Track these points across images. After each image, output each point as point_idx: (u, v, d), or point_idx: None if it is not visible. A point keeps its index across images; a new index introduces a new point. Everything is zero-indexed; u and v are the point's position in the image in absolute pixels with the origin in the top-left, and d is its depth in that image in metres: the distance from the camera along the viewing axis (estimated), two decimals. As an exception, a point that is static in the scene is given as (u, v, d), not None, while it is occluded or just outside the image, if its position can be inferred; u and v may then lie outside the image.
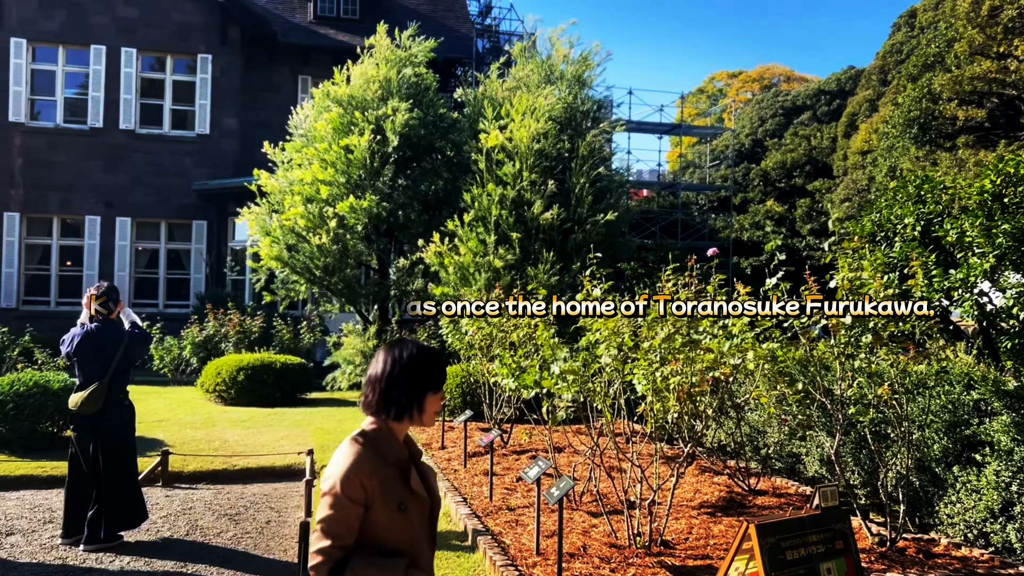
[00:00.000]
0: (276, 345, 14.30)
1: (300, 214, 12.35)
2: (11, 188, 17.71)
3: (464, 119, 13.74)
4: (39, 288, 18.02)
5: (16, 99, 17.77)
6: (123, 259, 18.15)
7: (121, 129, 18.24)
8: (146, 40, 18.46)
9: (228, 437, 9.09)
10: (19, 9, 17.85)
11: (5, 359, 13.19)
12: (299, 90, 20.11)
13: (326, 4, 20.99)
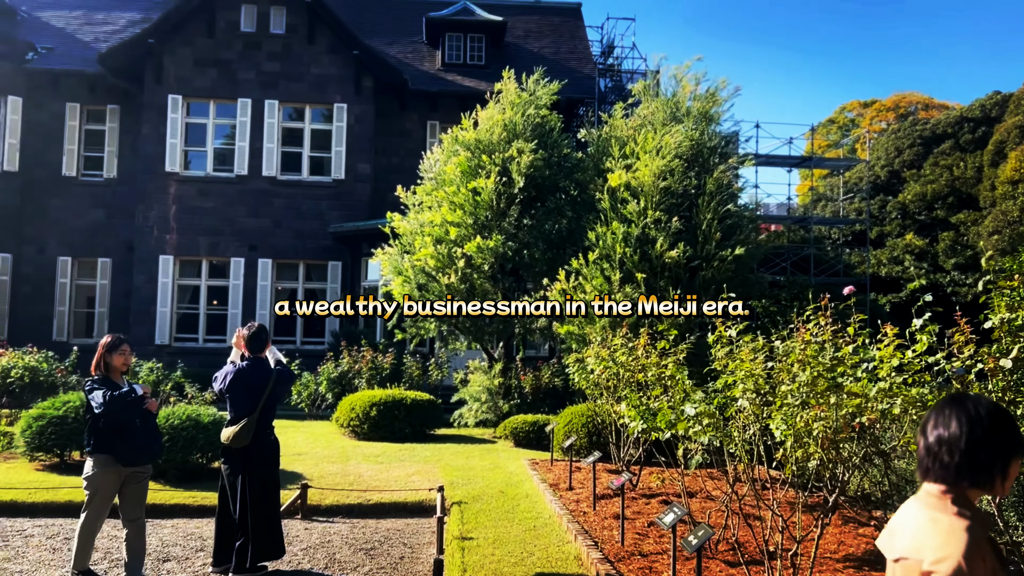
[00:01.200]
0: (406, 381, 14.67)
1: (430, 254, 12.71)
2: (166, 233, 19.12)
3: (588, 158, 13.84)
4: (189, 326, 19.27)
5: (172, 151, 19.25)
6: (264, 298, 19.19)
7: (264, 176, 19.41)
8: (287, 92, 19.66)
9: (362, 472, 9.35)
10: (176, 69, 19.42)
11: (159, 393, 14.12)
12: (428, 135, 20.84)
13: (453, 52, 21.74)
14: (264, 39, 19.75)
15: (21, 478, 8.62)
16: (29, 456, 9.32)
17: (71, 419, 9.05)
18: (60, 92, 20.27)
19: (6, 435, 10.75)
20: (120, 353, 5.62)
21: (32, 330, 19.34)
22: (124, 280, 19.93)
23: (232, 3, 19.71)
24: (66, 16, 22.21)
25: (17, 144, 19.93)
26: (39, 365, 13.68)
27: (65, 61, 20.39)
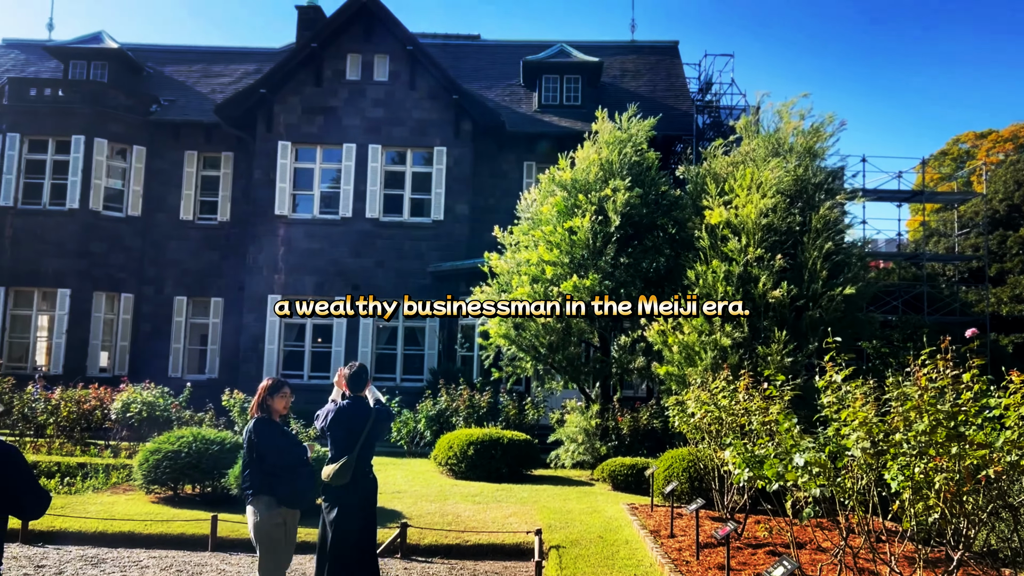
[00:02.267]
0: (502, 420, 14.68)
1: (526, 294, 12.76)
2: (275, 273, 19.91)
3: (686, 196, 13.67)
4: (294, 363, 19.90)
5: (281, 194, 20.12)
6: (366, 336, 19.66)
7: (367, 218, 20.01)
8: (390, 137, 20.29)
9: (460, 511, 9.36)
10: (286, 116, 20.36)
11: (266, 428, 14.57)
12: (524, 175, 21.07)
13: (549, 94, 22.01)
14: (368, 86, 20.51)
15: (139, 509, 9.02)
16: (145, 488, 9.75)
17: (184, 454, 9.43)
18: (180, 141, 21.56)
19: (126, 467, 11.30)
20: (281, 396, 5.67)
21: (150, 366, 20.40)
22: (235, 318, 20.81)
23: (338, 53, 20.59)
24: (187, 70, 23.68)
25: (141, 191, 21.26)
26: (156, 400, 14.36)
27: (185, 112, 21.70)
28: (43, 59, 23.95)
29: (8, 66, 23.83)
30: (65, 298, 19.96)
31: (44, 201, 20.35)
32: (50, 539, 8.06)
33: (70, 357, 19.75)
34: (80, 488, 10.20)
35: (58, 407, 14.49)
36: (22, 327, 20.32)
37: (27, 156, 20.44)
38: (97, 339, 20.33)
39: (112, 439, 14.29)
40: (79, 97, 20.54)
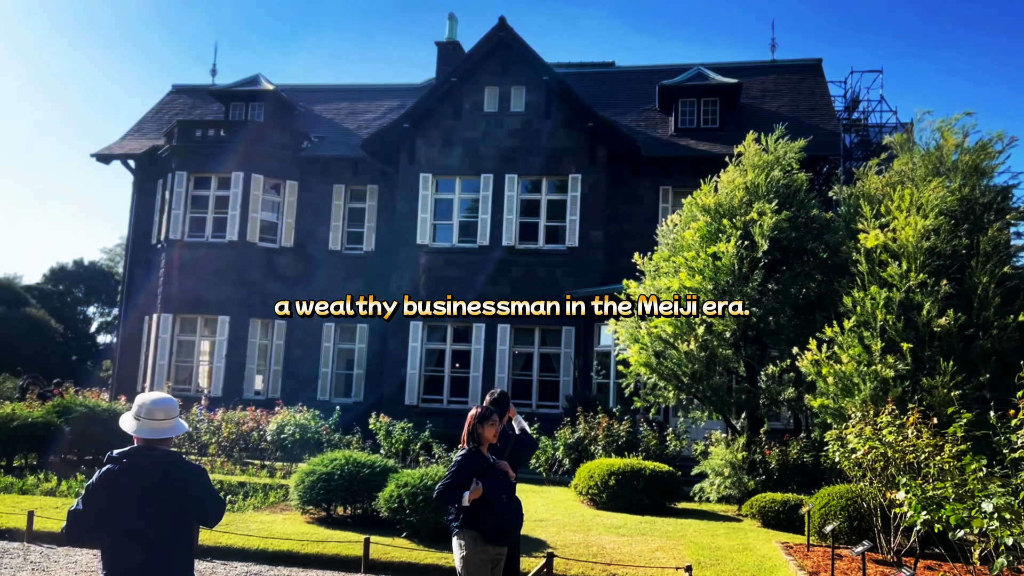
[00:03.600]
0: (642, 451, 14.40)
1: (667, 321, 12.51)
2: (416, 300, 20.47)
3: (838, 218, 13.06)
4: (434, 387, 20.35)
5: (422, 224, 20.74)
6: (503, 362, 19.86)
7: (504, 246, 20.30)
8: (525, 166, 20.56)
9: (604, 543, 9.20)
10: (427, 149, 21.04)
11: (410, 452, 14.94)
12: (660, 200, 20.80)
13: (686, 117, 21.69)
14: (505, 117, 20.90)
15: (295, 529, 9.40)
16: (301, 509, 10.16)
17: (337, 476, 9.77)
18: (329, 175, 22.67)
19: (282, 487, 11.83)
20: (491, 424, 5.48)
21: (301, 390, 21.38)
22: (379, 344, 21.53)
23: (476, 87, 21.12)
24: (334, 108, 24.94)
25: (293, 223, 22.48)
26: (308, 423, 15.01)
27: (333, 148, 22.82)
28: (207, 102, 25.85)
29: (177, 110, 25.87)
30: (225, 324, 21.29)
31: (207, 234, 21.85)
32: (217, 554, 8.51)
33: (228, 380, 21.00)
34: (242, 506, 10.75)
35: (219, 428, 15.41)
36: (187, 352, 21.81)
37: (193, 192, 22.05)
38: (253, 363, 21.53)
39: (268, 459, 15.04)
40: (239, 136, 22.00)
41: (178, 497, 3.53)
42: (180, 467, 3.60)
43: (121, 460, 3.55)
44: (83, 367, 46.25)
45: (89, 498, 3.48)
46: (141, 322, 22.90)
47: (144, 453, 3.58)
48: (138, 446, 3.62)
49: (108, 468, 3.53)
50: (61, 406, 14.31)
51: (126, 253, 24.66)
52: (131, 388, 22.09)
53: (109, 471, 3.52)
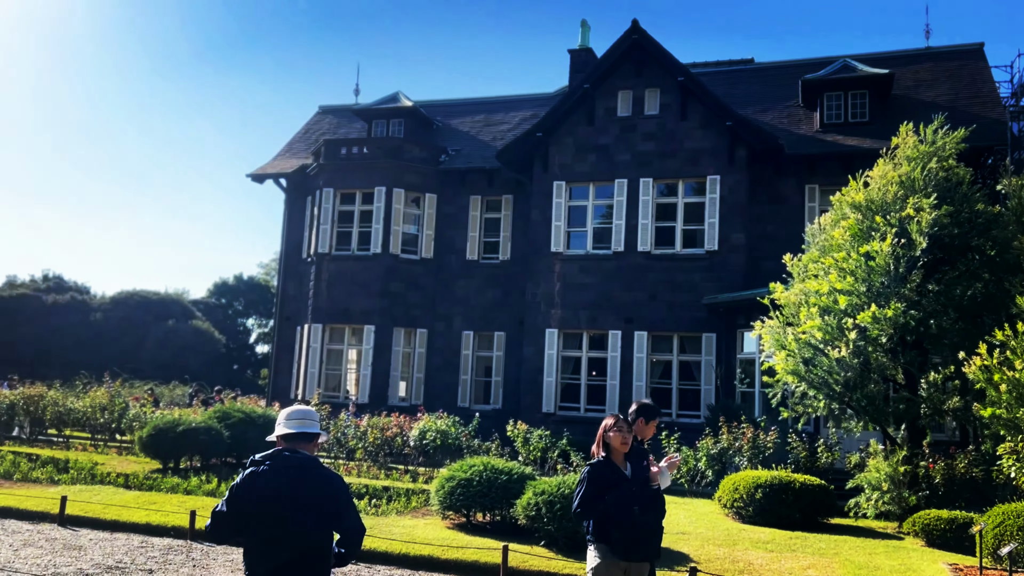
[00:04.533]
0: (791, 463, 13.71)
1: (816, 326, 11.84)
2: (551, 308, 20.49)
3: (1007, 213, 11.98)
4: (571, 395, 20.25)
5: (556, 232, 20.74)
6: (640, 370, 19.51)
7: (639, 251, 19.97)
8: (660, 169, 20.16)
9: (751, 559, 8.79)
10: (560, 157, 21.04)
11: (547, 459, 14.90)
12: (806, 199, 19.85)
13: (832, 112, 20.62)
14: (639, 121, 20.59)
15: (435, 535, 9.54)
16: (441, 514, 10.31)
17: (475, 483, 9.84)
18: (465, 187, 23.12)
19: (423, 492, 12.06)
20: (617, 431, 5.30)
21: (441, 396, 21.86)
22: (516, 352, 21.69)
23: (609, 92, 20.93)
24: (470, 121, 25.44)
25: (432, 234, 23.08)
26: (448, 429, 15.27)
27: (469, 160, 23.26)
28: (351, 121, 27.00)
29: (324, 130, 27.17)
30: (370, 334, 22.09)
31: (353, 247, 22.77)
32: (361, 558, 8.75)
33: (374, 387, 21.77)
34: (385, 510, 11.04)
35: (365, 433, 15.94)
36: (336, 360, 22.78)
37: (339, 208, 23.05)
38: (397, 371, 22.23)
39: (411, 464, 15.41)
40: (380, 152, 22.83)
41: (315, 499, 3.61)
42: (318, 469, 3.68)
43: (263, 463, 3.67)
44: (243, 375, 49.33)
45: (232, 499, 3.61)
46: (294, 332, 24.14)
47: (284, 455, 3.68)
48: (279, 448, 3.73)
49: (251, 471, 3.65)
50: (221, 412, 15.24)
51: (279, 267, 26.08)
52: (285, 395, 23.30)
53: (251, 473, 3.64)
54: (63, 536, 9.44)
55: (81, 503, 10.67)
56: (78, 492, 11.57)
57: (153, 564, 8.23)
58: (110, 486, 12.37)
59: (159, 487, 12.30)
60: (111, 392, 20.02)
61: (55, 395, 19.81)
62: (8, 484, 12.31)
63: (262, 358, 54.16)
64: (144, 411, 18.53)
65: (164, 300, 50.68)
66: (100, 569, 7.86)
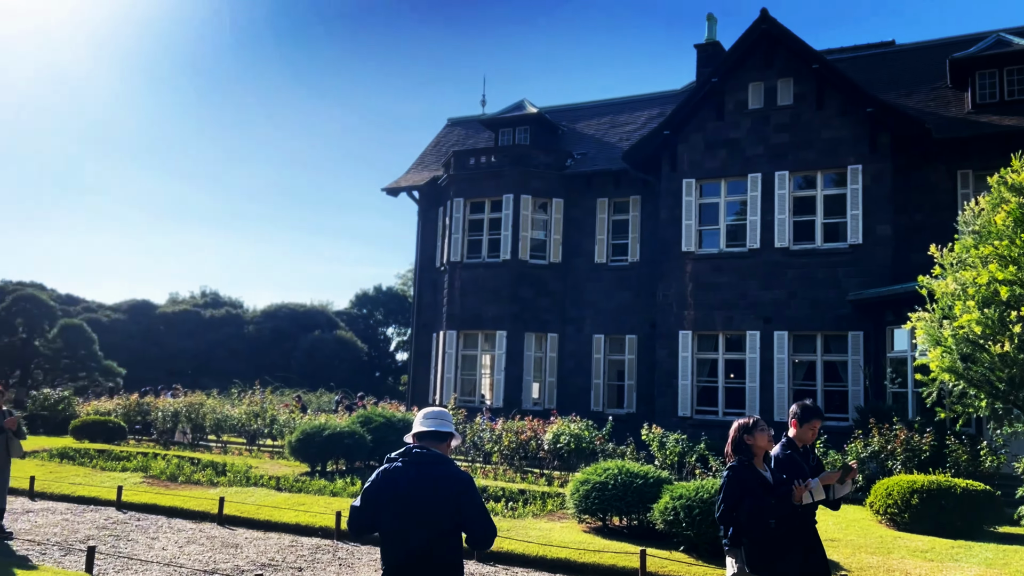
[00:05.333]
0: (950, 467, 12.79)
1: (975, 319, 10.97)
2: (684, 309, 20.06)
3: None
4: (708, 399, 19.72)
5: (687, 231, 20.29)
6: (781, 371, 18.76)
7: (776, 248, 19.22)
8: (796, 161, 19.34)
9: (908, 568, 8.24)
10: (689, 154, 20.59)
11: (685, 464, 14.57)
12: (959, 185, 18.52)
13: (986, 91, 19.15)
14: (771, 112, 19.85)
15: (571, 538, 9.50)
16: (577, 517, 10.26)
17: (610, 486, 9.74)
18: (591, 190, 23.04)
19: (558, 495, 12.06)
20: (761, 432, 5.09)
21: (574, 400, 21.82)
22: (648, 355, 21.37)
23: (739, 84, 20.30)
24: (595, 124, 25.34)
25: (560, 239, 23.13)
26: (582, 433, 15.21)
27: (595, 163, 23.17)
28: (479, 131, 27.50)
29: (453, 142, 27.80)
30: (502, 339, 22.37)
31: (483, 255, 23.15)
32: (499, 559, 8.83)
33: (508, 391, 22.01)
34: (521, 513, 11.11)
35: (500, 437, 16.12)
36: (470, 365, 23.20)
37: (469, 217, 23.50)
38: (529, 375, 22.40)
39: (545, 467, 15.45)
40: (507, 160, 23.11)
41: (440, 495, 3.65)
42: (445, 467, 3.73)
43: (396, 460, 3.76)
44: (384, 382, 51.15)
45: (365, 494, 3.73)
46: (430, 339, 24.78)
47: (415, 452, 3.76)
48: (411, 445, 3.81)
49: (384, 467, 3.76)
50: (364, 417, 15.82)
51: (415, 277, 26.86)
52: (424, 400, 23.96)
53: (384, 470, 3.74)
54: (221, 535, 10.05)
55: (237, 504, 11.32)
56: (234, 493, 12.30)
57: (303, 563, 8.62)
58: (263, 488, 13.08)
59: (307, 489, 12.89)
60: (263, 400, 21.22)
61: (213, 403, 21.19)
62: (174, 486, 13.24)
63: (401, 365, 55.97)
64: (293, 417, 19.50)
65: (310, 312, 53.31)
66: (255, 567, 8.30)
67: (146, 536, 9.73)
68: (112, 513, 11.23)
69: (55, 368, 34.74)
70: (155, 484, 13.24)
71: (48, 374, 34.79)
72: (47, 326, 35.00)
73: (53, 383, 32.29)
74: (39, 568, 7.91)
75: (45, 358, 34.69)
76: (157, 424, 20.72)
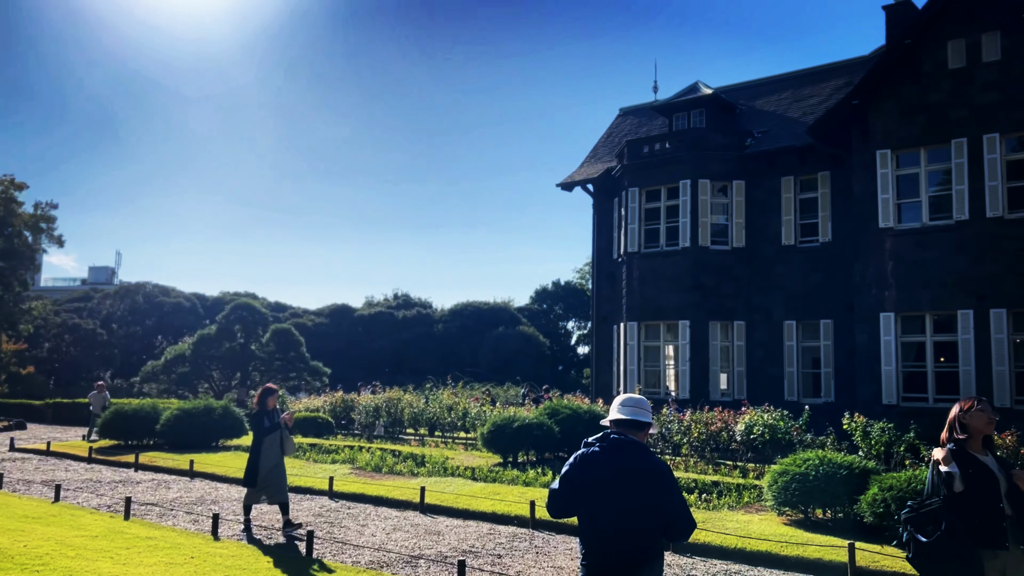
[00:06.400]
0: None
1: None
2: (884, 289, 18.72)
3: None
4: (915, 384, 18.29)
5: (884, 206, 18.91)
6: (1000, 353, 17.04)
7: (988, 218, 17.49)
8: (1008, 122, 17.49)
9: None
10: (882, 123, 19.17)
11: (892, 454, 13.62)
12: None
13: None
14: (975, 70, 18.07)
15: (771, 530, 9.15)
16: (776, 510, 9.87)
17: (812, 477, 9.29)
18: (775, 169, 22.04)
19: (754, 488, 11.66)
20: (980, 411, 4.83)
21: (765, 390, 20.98)
22: (845, 339, 20.17)
23: (937, 43, 18.65)
24: (775, 99, 24.21)
25: (742, 222, 22.32)
26: (776, 423, 14.61)
27: (777, 140, 22.14)
28: (652, 118, 27.10)
29: (625, 131, 27.58)
30: (685, 329, 21.92)
31: (661, 243, 22.79)
32: (695, 551, 8.67)
33: (694, 382, 21.54)
34: (716, 505, 10.84)
35: (689, 428, 15.82)
36: (653, 357, 22.93)
37: (645, 206, 23.21)
38: (716, 365, 21.80)
39: (738, 459, 14.98)
40: (682, 145, 22.60)
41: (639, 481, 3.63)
42: (645, 454, 3.70)
43: (594, 444, 3.79)
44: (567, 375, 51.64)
45: (564, 477, 3.79)
46: (611, 331, 24.74)
47: (613, 438, 3.77)
48: (609, 431, 3.83)
49: (582, 452, 3.80)
50: (551, 409, 16.05)
51: (592, 270, 26.91)
52: (607, 392, 23.95)
53: (583, 455, 3.78)
54: (424, 522, 10.56)
55: (436, 493, 11.86)
56: (433, 483, 12.89)
57: (501, 550, 8.88)
58: (459, 478, 13.61)
59: (501, 479, 13.27)
60: (454, 394, 22.08)
61: (410, 398, 22.31)
62: (378, 476, 14.07)
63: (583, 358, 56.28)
64: (483, 410, 20.15)
65: (493, 309, 54.85)
66: (457, 553, 8.66)
67: (356, 523, 10.40)
68: (325, 501, 12.11)
69: (269, 369, 37.93)
70: (361, 475, 14.13)
71: (263, 375, 38.05)
72: (261, 331, 38.26)
73: (268, 383, 35.29)
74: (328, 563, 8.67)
75: (260, 360, 37.94)
76: (360, 419, 22.09)
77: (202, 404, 19.64)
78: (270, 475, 9.76)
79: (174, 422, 18.69)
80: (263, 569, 7.57)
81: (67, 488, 12.81)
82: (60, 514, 10.33)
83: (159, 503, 11.64)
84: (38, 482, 13.70)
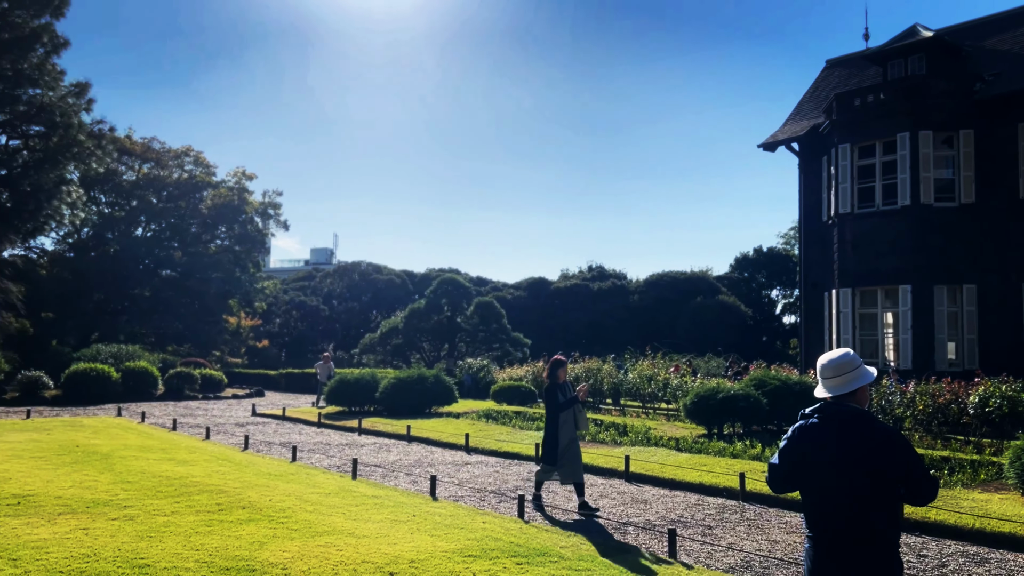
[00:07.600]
0: None
1: None
2: None
3: None
4: None
5: None
6: None
7: None
8: None
9: None
10: None
11: None
12: None
13: None
14: None
15: (1016, 511, 8.33)
16: (1020, 489, 8.97)
17: (1064, 454, 8.34)
18: (1010, 115, 19.75)
19: (992, 464, 10.66)
20: None
21: (1002, 359, 18.91)
22: (1101, 303, 17.80)
23: None
24: (1011, 37, 21.63)
25: (972, 175, 20.23)
26: (1017, 395, 13.24)
27: (1012, 82, 19.80)
28: (863, 69, 25.12)
29: (833, 84, 25.77)
30: (906, 294, 20.28)
31: (877, 203, 21.16)
32: (925, 529, 8.07)
33: (916, 351, 19.93)
34: (948, 482, 10.01)
35: (913, 400, 14.70)
36: (869, 325, 21.44)
37: (858, 163, 21.62)
38: (942, 332, 20.03)
39: (971, 434, 13.74)
40: (899, 95, 20.78)
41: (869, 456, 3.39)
42: (870, 424, 3.45)
43: (812, 417, 3.59)
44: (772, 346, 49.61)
45: (783, 452, 3.61)
46: (821, 299, 23.41)
47: (831, 408, 3.55)
48: (826, 401, 3.61)
49: (799, 424, 3.61)
50: (757, 380, 15.51)
51: (799, 234, 25.53)
52: (817, 363, 22.73)
53: (800, 427, 3.59)
54: (629, 490, 10.59)
55: (640, 462, 11.85)
56: (637, 453, 12.89)
57: (711, 521, 8.73)
58: (663, 448, 13.51)
59: (706, 450, 13.02)
60: (653, 365, 21.89)
61: (609, 368, 22.40)
62: (583, 444, 14.28)
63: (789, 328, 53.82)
64: (685, 381, 19.83)
65: (690, 278, 53.67)
66: (665, 521, 8.62)
67: (564, 489, 10.63)
68: (532, 467, 12.48)
69: (474, 341, 39.54)
70: (566, 442, 14.40)
71: (469, 346, 39.74)
72: (465, 304, 39.92)
73: (474, 354, 36.92)
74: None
75: (466, 332, 39.64)
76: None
77: (415, 373, 20.87)
78: (566, 452, 9.27)
79: (391, 390, 20.02)
80: (477, 527, 7.94)
81: (301, 450, 14.11)
82: (297, 472, 11.39)
83: (381, 464, 12.53)
84: (277, 443, 15.20)
